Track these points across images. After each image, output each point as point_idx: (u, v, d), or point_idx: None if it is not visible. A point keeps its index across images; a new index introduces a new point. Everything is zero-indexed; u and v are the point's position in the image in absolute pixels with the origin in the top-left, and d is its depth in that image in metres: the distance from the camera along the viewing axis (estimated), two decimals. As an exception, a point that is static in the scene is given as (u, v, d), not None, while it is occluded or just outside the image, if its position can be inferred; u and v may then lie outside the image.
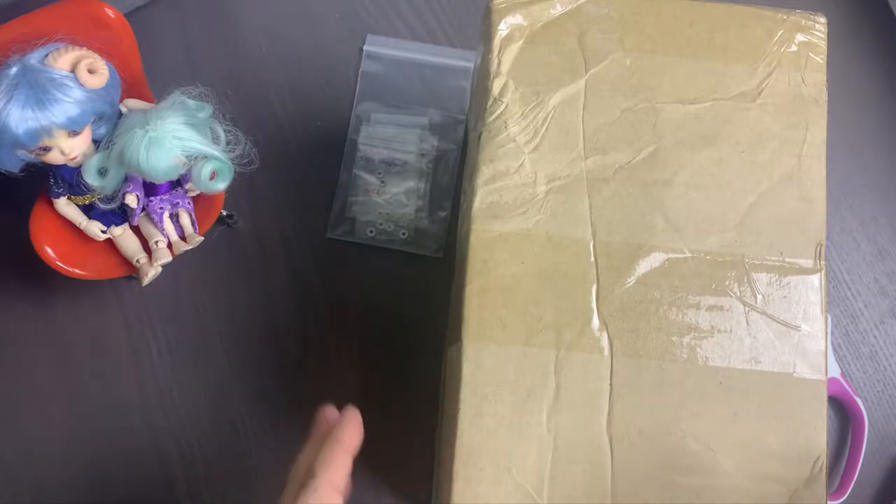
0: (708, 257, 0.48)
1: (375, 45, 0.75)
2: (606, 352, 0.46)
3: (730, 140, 0.49)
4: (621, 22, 0.51)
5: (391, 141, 0.71)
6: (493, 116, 0.50)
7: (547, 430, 0.45)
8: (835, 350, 0.69)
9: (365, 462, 0.66)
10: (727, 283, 0.48)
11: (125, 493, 0.65)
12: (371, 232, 0.70)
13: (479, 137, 0.50)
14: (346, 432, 0.46)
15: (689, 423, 0.46)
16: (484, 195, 0.49)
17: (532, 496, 0.45)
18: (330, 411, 0.47)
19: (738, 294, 0.48)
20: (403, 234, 0.70)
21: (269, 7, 0.75)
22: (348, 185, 0.71)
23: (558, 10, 0.51)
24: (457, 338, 0.48)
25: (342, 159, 0.71)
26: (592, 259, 0.47)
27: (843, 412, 0.69)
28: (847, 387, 0.67)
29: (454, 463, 0.45)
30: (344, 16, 0.76)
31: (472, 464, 0.45)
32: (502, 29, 0.51)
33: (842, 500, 0.66)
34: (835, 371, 0.68)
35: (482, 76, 0.52)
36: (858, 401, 0.67)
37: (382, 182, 0.70)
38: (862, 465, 0.66)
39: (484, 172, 0.49)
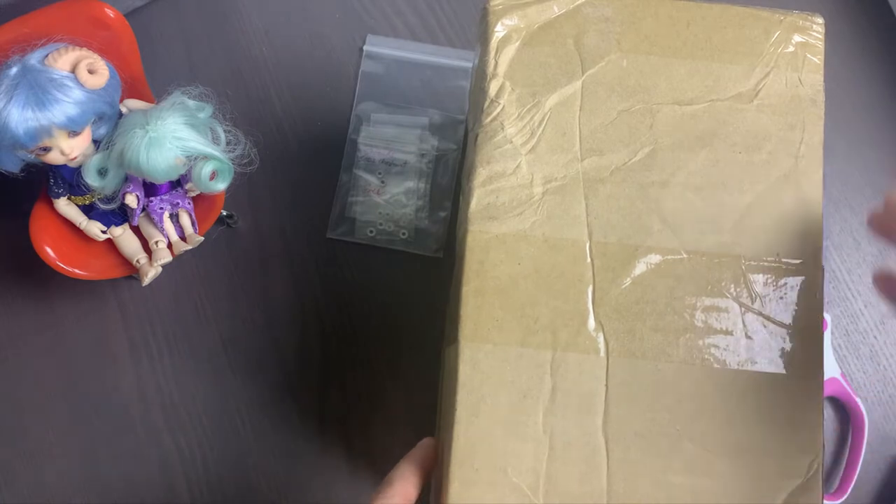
0: (704, 258, 0.48)
1: (375, 45, 0.75)
2: (602, 352, 0.46)
3: (726, 141, 0.49)
4: (618, 23, 0.51)
5: (391, 141, 0.71)
6: (490, 118, 0.50)
7: (543, 431, 0.45)
8: (835, 350, 0.69)
9: (365, 463, 0.67)
10: (723, 284, 0.48)
11: (125, 493, 0.65)
12: (371, 232, 0.70)
13: (476, 138, 0.50)
14: (421, 451, 0.48)
15: (684, 424, 0.46)
16: (480, 196, 0.49)
17: (528, 496, 0.45)
18: (426, 440, 0.50)
19: (735, 295, 0.48)
20: (403, 234, 0.70)
21: (269, 7, 0.76)
22: (348, 186, 0.71)
23: (555, 11, 0.51)
24: (453, 339, 0.48)
25: (342, 159, 0.71)
26: (589, 260, 0.47)
27: (843, 412, 0.69)
28: (847, 387, 0.67)
29: (450, 464, 0.45)
30: (344, 16, 0.76)
31: (468, 465, 0.45)
32: (499, 30, 0.51)
33: (842, 500, 0.66)
34: (835, 371, 0.68)
35: (479, 77, 0.52)
36: (858, 401, 0.67)
37: (382, 182, 0.70)
38: (862, 465, 0.66)
39: (480, 174, 0.49)
